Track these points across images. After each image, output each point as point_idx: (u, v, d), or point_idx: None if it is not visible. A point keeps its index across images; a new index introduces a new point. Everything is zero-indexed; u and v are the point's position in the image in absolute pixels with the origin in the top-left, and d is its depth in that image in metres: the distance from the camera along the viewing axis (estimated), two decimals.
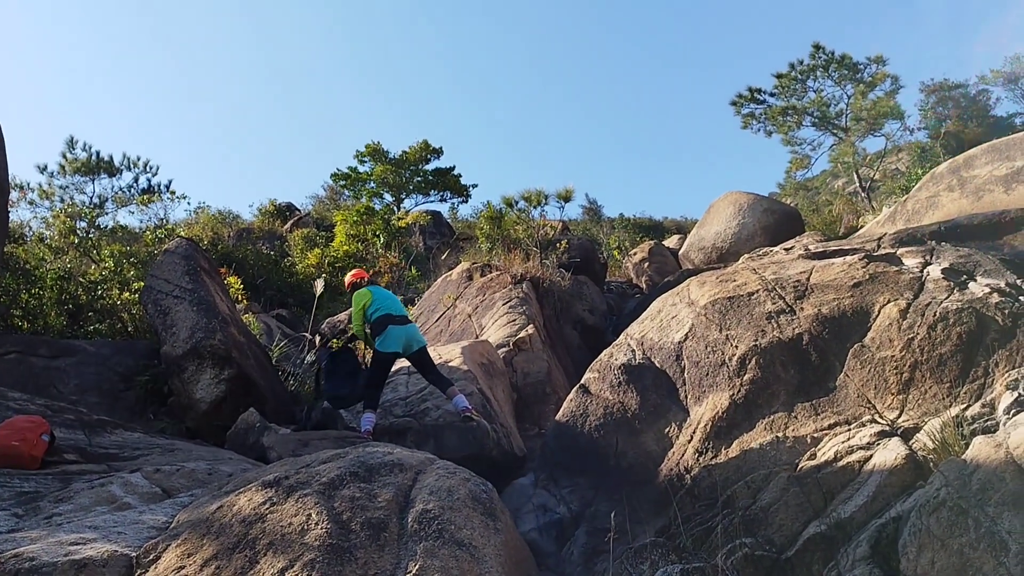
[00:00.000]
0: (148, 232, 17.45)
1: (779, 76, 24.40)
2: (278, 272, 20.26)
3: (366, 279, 8.12)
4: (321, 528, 3.15)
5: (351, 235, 21.94)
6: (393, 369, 8.85)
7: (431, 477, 3.58)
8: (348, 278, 8.34)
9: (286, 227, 29.05)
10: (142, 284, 10.14)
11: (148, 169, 25.75)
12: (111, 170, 25.03)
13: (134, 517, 3.83)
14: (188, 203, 35.27)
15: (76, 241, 14.44)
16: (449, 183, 30.73)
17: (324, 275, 19.47)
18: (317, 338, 11.74)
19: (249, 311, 14.49)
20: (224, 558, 3.17)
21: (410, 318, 7.81)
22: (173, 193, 23.31)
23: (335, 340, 11.20)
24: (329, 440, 6.61)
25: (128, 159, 25.32)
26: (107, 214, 23.69)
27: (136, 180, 25.64)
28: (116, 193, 25.09)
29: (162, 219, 21.93)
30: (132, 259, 12.79)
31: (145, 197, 23.19)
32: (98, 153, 24.71)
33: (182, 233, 17.15)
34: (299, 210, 34.52)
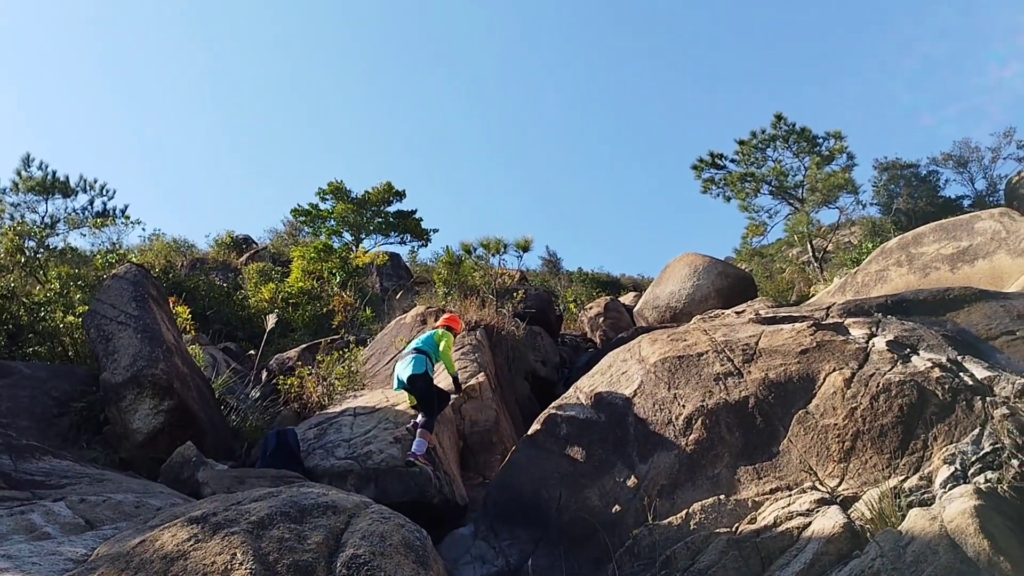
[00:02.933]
0: (99, 256, 17.10)
1: (740, 143, 25.01)
2: (230, 304, 19.93)
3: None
4: (245, 569, 3.03)
5: (307, 272, 21.71)
6: (338, 410, 8.76)
7: (364, 521, 3.48)
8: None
9: (242, 260, 28.69)
10: (87, 308, 9.89)
11: (104, 192, 25.26)
12: (66, 191, 24.51)
13: (52, 548, 3.67)
14: (143, 229, 34.67)
15: (23, 260, 14.07)
16: (410, 226, 30.69)
17: (277, 310, 19.22)
18: (264, 374, 11.54)
19: (196, 342, 14.17)
20: None
21: (418, 348, 8.23)
22: (128, 218, 22.81)
23: (281, 377, 11.03)
24: (267, 478, 6.44)
25: (85, 181, 24.83)
26: (58, 235, 23.14)
27: (91, 202, 25.11)
28: (69, 214, 24.52)
29: (115, 244, 21.53)
30: (79, 282, 12.48)
31: (99, 220, 22.73)
32: (54, 173, 24.21)
33: (134, 259, 16.83)
34: (256, 243, 34.15)
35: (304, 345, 16.19)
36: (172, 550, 3.20)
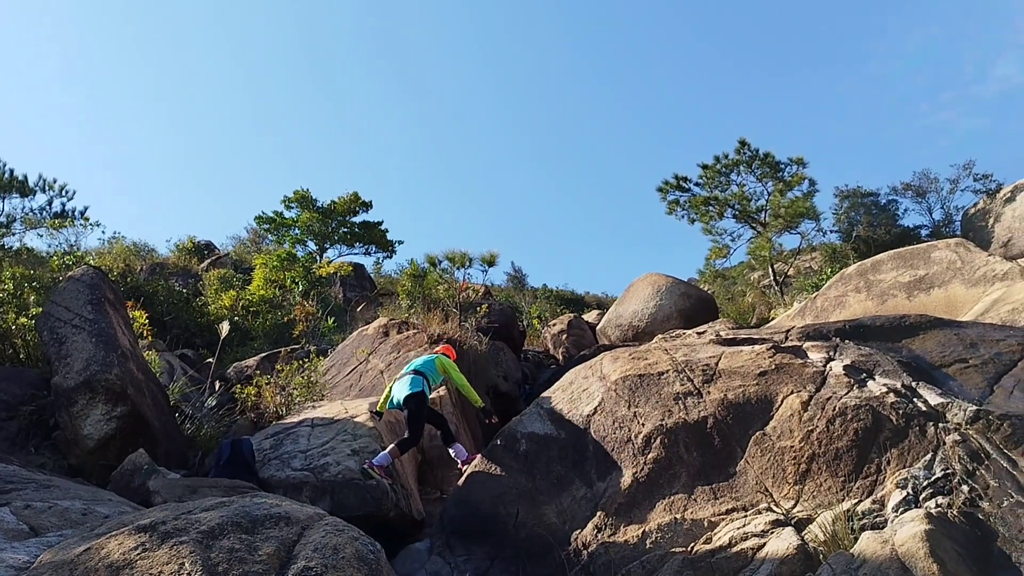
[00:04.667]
0: (55, 257, 16.76)
1: (704, 167, 25.31)
2: (189, 311, 19.63)
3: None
4: None
5: (270, 280, 21.49)
6: (295, 421, 8.66)
7: (318, 533, 3.42)
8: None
9: (203, 266, 28.31)
10: (40, 310, 9.65)
11: (64, 193, 24.72)
12: (24, 190, 23.95)
13: None
14: (103, 232, 34.06)
15: None
16: (375, 237, 30.49)
17: (237, 318, 18.96)
18: (218, 383, 11.36)
19: (153, 348, 13.93)
20: None
21: (416, 370, 8.15)
22: (87, 220, 22.35)
23: (238, 386, 10.87)
24: (220, 488, 6.32)
25: (44, 180, 24.28)
26: (14, 235, 22.61)
27: (50, 203, 24.55)
28: (26, 214, 23.99)
29: (72, 245, 21.12)
30: (34, 283, 12.18)
31: (57, 221, 22.24)
32: (12, 171, 23.66)
33: (92, 261, 16.53)
34: (218, 250, 33.72)
35: (264, 354, 16.00)
36: (118, 558, 3.11)
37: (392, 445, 7.43)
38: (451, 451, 7.95)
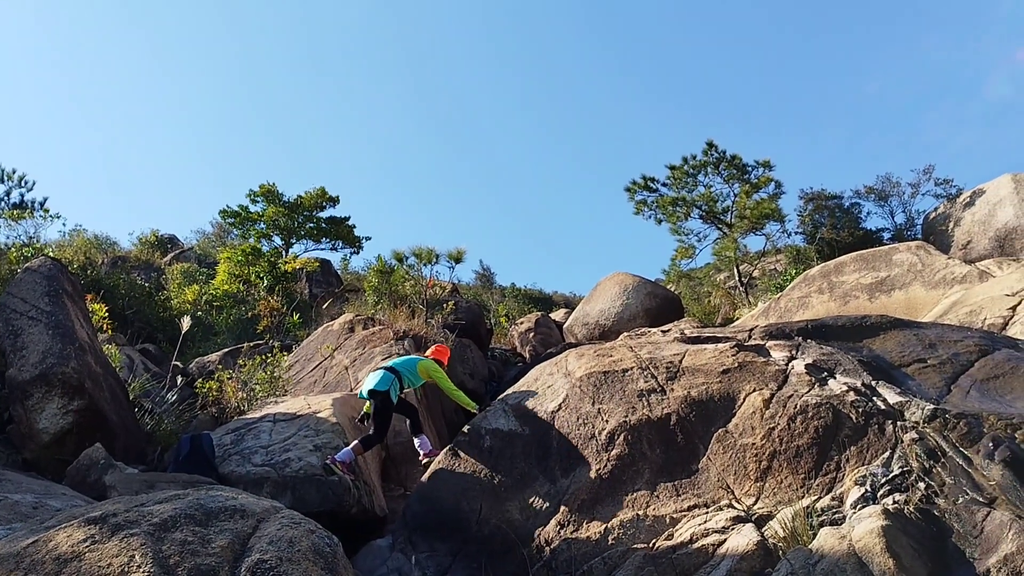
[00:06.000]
0: (13, 249, 16.39)
1: (672, 168, 25.45)
2: (151, 305, 19.33)
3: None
4: (143, 572, 2.89)
5: (234, 275, 21.23)
6: (257, 416, 8.57)
7: (273, 526, 3.37)
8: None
9: (166, 259, 27.93)
10: None
11: (23, 183, 24.21)
12: None
13: None
14: (63, 224, 33.46)
15: None
16: (342, 233, 30.13)
17: (200, 313, 18.72)
18: (179, 378, 11.19)
19: (113, 342, 13.69)
20: None
21: (390, 367, 7.90)
22: (47, 211, 21.86)
23: (200, 381, 10.72)
24: (178, 483, 6.22)
25: (2, 170, 23.80)
26: None
27: (8, 193, 24.01)
28: None
29: (31, 237, 20.64)
30: None
31: (15, 212, 21.72)
32: None
33: (51, 254, 16.20)
34: (182, 243, 33.30)
35: (227, 349, 15.82)
36: (66, 551, 3.04)
37: (356, 442, 7.32)
38: (416, 440, 7.89)
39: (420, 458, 7.75)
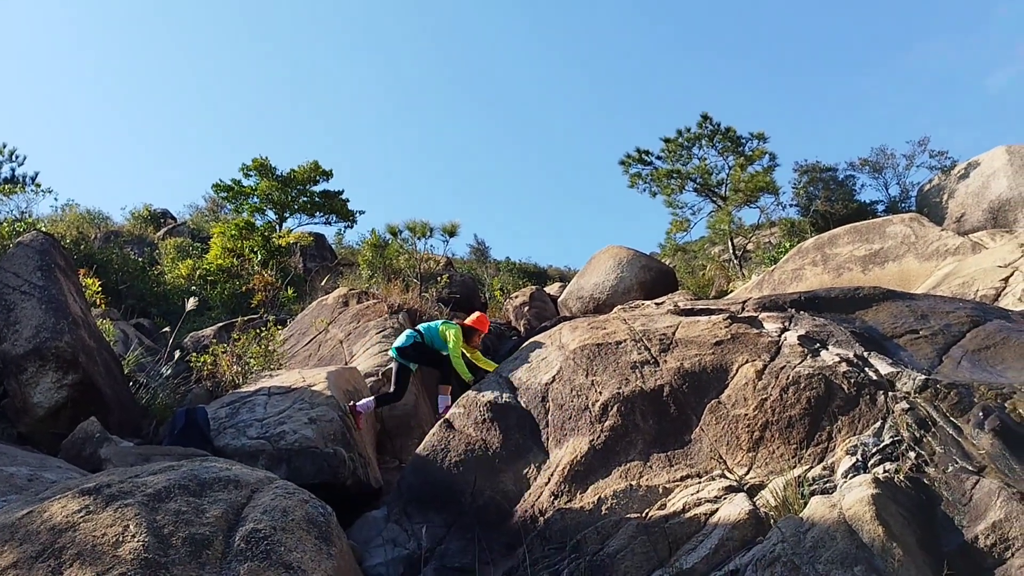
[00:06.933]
0: (5, 224, 16.31)
1: (666, 141, 25.39)
2: (144, 280, 19.31)
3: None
4: (137, 541, 2.92)
5: (228, 249, 21.17)
6: (252, 390, 8.61)
7: (267, 496, 3.39)
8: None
9: (159, 234, 27.83)
10: None
11: (14, 158, 24.08)
12: None
13: None
14: (55, 199, 33.32)
15: None
16: (336, 207, 30.01)
17: (194, 287, 18.70)
18: (177, 352, 11.19)
19: (107, 317, 13.69)
20: (24, 567, 2.90)
21: (418, 328, 8.77)
22: (39, 186, 21.75)
23: (194, 355, 10.72)
24: (173, 456, 6.24)
25: None
26: None
27: None
28: None
29: (24, 212, 20.55)
30: None
31: (7, 187, 21.59)
32: None
33: (43, 228, 16.12)
34: (175, 218, 33.16)
35: (221, 324, 15.82)
36: (61, 521, 3.06)
37: (372, 398, 8.43)
38: (440, 398, 8.55)
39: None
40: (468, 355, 8.68)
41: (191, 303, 11.67)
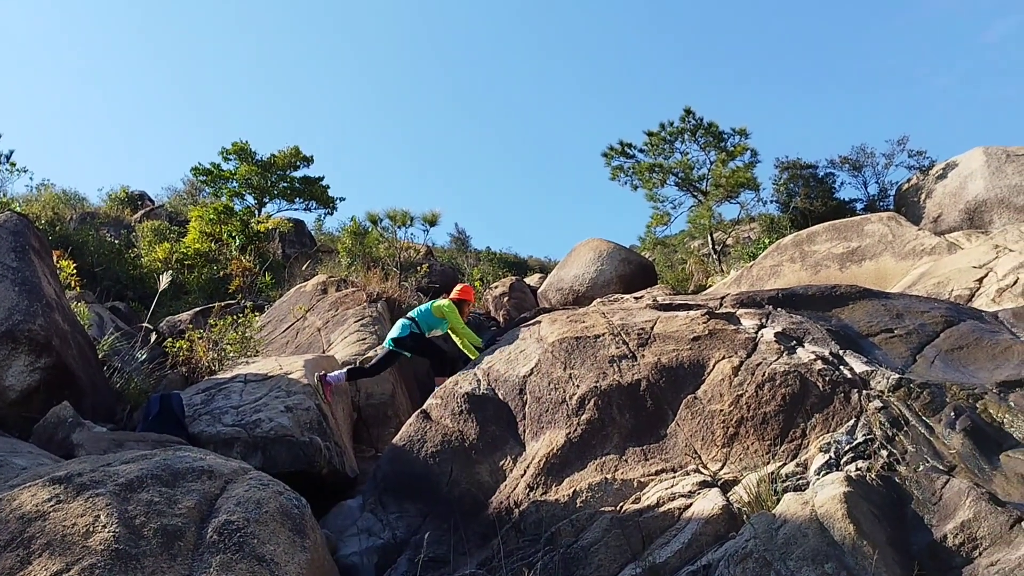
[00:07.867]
0: None
1: (649, 134, 25.38)
2: (121, 262, 19.10)
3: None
4: (108, 532, 2.89)
5: (205, 233, 20.98)
6: (228, 376, 8.54)
7: (241, 487, 3.36)
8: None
9: (136, 216, 27.50)
10: None
11: None
12: None
13: None
14: (30, 178, 32.88)
15: None
16: (316, 193, 29.79)
17: (171, 271, 18.54)
18: (152, 335, 11.09)
19: (82, 299, 13.52)
20: None
21: (409, 316, 8.68)
22: (13, 165, 21.47)
23: (170, 340, 10.63)
24: (147, 443, 6.19)
25: None
26: None
27: None
28: None
29: None
30: None
31: None
32: None
33: (17, 208, 15.91)
34: (153, 201, 32.77)
35: (198, 308, 15.69)
36: (30, 510, 3.02)
37: (344, 370, 8.59)
38: (337, 371, 8.66)
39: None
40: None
41: (165, 280, 11.55)
